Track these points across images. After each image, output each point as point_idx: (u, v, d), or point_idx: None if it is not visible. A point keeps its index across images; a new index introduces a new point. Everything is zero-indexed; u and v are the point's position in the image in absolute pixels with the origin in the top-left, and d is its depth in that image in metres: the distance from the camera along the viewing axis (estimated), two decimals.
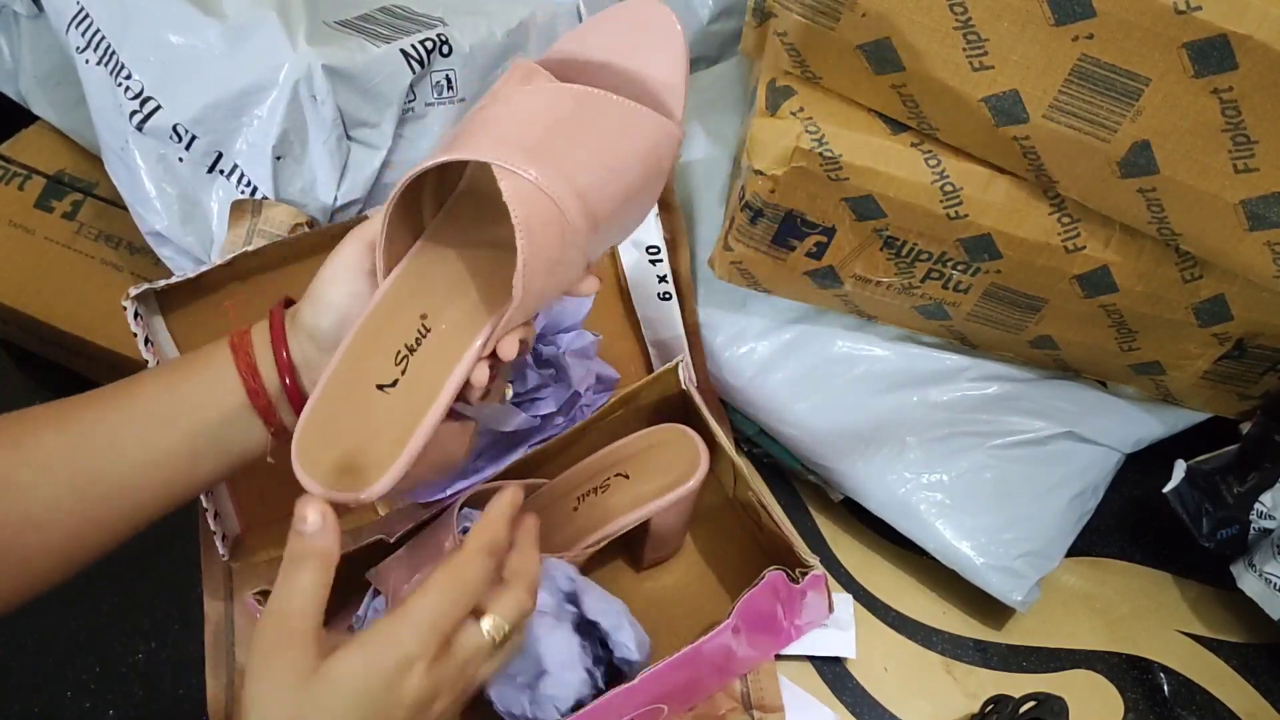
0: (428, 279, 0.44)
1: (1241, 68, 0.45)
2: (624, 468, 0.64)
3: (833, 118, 0.56)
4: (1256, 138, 0.47)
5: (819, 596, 0.62)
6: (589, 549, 0.61)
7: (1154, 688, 0.69)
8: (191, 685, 0.63)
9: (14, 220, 0.76)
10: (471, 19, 0.66)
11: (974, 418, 0.69)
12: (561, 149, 0.40)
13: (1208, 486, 0.66)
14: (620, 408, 0.67)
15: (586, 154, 0.41)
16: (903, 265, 0.61)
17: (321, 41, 0.59)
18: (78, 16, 0.61)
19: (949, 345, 0.69)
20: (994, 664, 0.70)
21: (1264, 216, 0.50)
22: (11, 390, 0.80)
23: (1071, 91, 0.49)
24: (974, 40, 0.49)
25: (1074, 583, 0.74)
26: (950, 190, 0.56)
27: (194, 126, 0.59)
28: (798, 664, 0.68)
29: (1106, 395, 0.70)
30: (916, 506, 0.68)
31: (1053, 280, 0.59)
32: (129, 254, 0.75)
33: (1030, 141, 0.52)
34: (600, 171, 0.41)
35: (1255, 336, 0.60)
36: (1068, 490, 0.69)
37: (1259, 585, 0.65)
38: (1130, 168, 0.51)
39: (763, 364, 0.70)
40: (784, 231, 0.61)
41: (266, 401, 0.43)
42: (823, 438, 0.70)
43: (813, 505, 0.77)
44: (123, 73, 0.59)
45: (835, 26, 0.52)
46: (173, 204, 0.62)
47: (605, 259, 0.72)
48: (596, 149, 0.41)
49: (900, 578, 0.73)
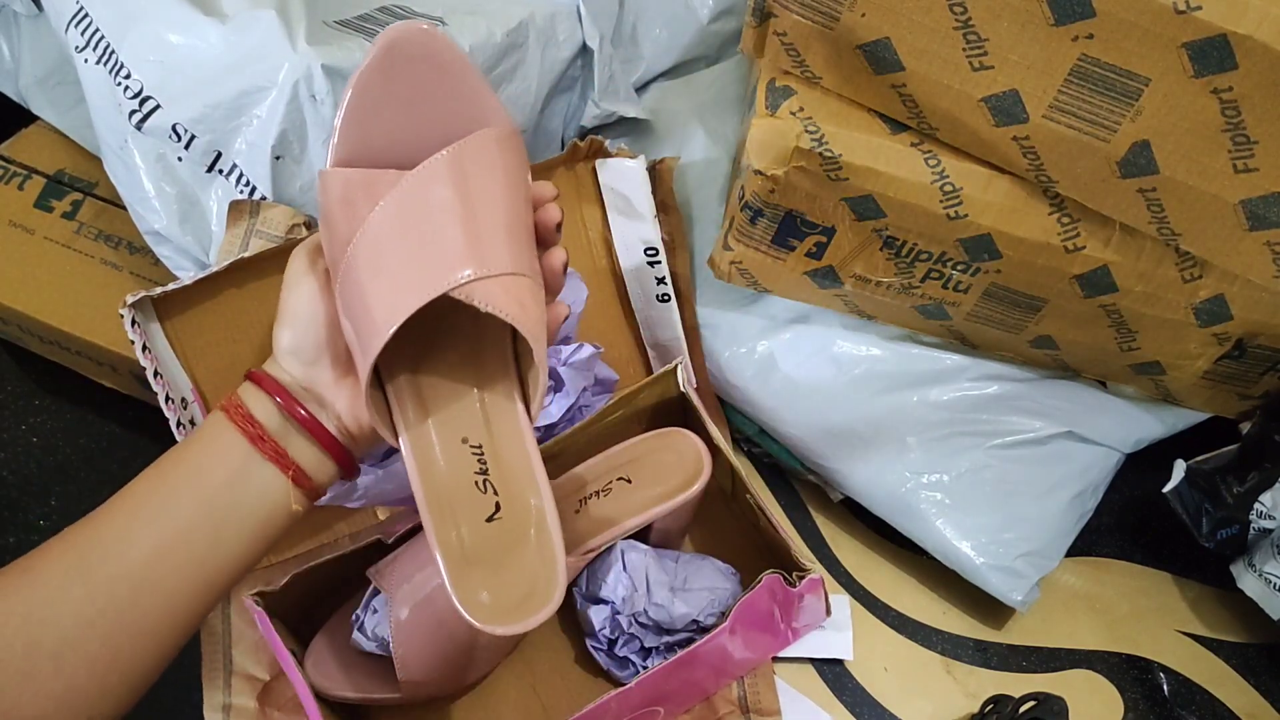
0: (435, 411, 0.44)
1: (1241, 68, 0.45)
2: (627, 471, 0.64)
3: (833, 118, 0.56)
4: (1256, 138, 0.47)
5: (816, 599, 0.62)
6: (591, 553, 0.61)
7: (1154, 688, 0.69)
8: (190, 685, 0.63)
9: (14, 220, 0.76)
10: (471, 19, 0.66)
11: (974, 418, 0.69)
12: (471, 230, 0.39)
13: (1208, 486, 0.66)
14: (619, 409, 0.67)
15: (487, 215, 0.40)
16: (902, 265, 0.61)
17: (321, 41, 0.59)
18: (77, 16, 0.61)
19: (949, 345, 0.69)
20: (994, 664, 0.70)
21: (1264, 216, 0.50)
22: (11, 390, 0.80)
23: (1071, 91, 0.49)
24: (974, 40, 0.49)
25: (1074, 583, 0.74)
26: (950, 190, 0.56)
27: (193, 126, 0.59)
28: (797, 664, 0.68)
29: (1106, 395, 0.70)
30: (916, 506, 0.68)
31: (1052, 280, 0.59)
32: (129, 253, 0.75)
33: (1030, 141, 0.52)
34: (505, 218, 0.40)
35: (1255, 336, 0.60)
36: (1068, 490, 0.69)
37: (1259, 585, 0.65)
38: (1130, 168, 0.50)
39: (763, 364, 0.70)
40: (784, 231, 0.61)
41: (273, 445, 0.41)
42: (823, 438, 0.70)
43: (813, 505, 0.77)
44: (122, 72, 0.59)
45: (835, 26, 0.52)
46: (172, 203, 0.62)
47: (605, 260, 0.72)
48: (487, 206, 0.40)
49: (900, 578, 0.73)
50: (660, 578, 0.62)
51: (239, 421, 0.41)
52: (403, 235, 0.39)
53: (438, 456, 0.43)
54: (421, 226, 0.39)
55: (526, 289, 0.40)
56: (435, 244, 0.39)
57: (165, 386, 0.57)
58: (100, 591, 0.37)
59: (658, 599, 0.61)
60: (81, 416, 0.78)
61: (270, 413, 0.42)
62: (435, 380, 0.45)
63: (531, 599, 0.40)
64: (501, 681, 0.65)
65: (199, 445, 0.41)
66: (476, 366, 0.45)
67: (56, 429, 0.78)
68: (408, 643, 0.56)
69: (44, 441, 0.77)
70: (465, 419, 0.44)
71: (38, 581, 0.37)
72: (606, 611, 0.61)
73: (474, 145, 0.41)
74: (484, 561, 0.41)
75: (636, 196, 0.68)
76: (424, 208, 0.39)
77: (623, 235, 0.70)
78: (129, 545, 0.38)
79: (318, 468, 0.43)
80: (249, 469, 0.41)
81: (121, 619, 0.38)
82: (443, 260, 0.38)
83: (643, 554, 0.62)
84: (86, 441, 0.77)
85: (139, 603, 0.38)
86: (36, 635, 0.36)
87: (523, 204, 0.42)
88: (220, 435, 0.41)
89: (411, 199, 0.39)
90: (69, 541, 0.38)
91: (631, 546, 0.63)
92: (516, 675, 0.65)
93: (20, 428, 0.78)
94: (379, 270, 0.39)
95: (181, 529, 0.39)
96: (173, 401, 0.58)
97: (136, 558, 0.38)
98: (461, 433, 0.44)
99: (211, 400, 0.62)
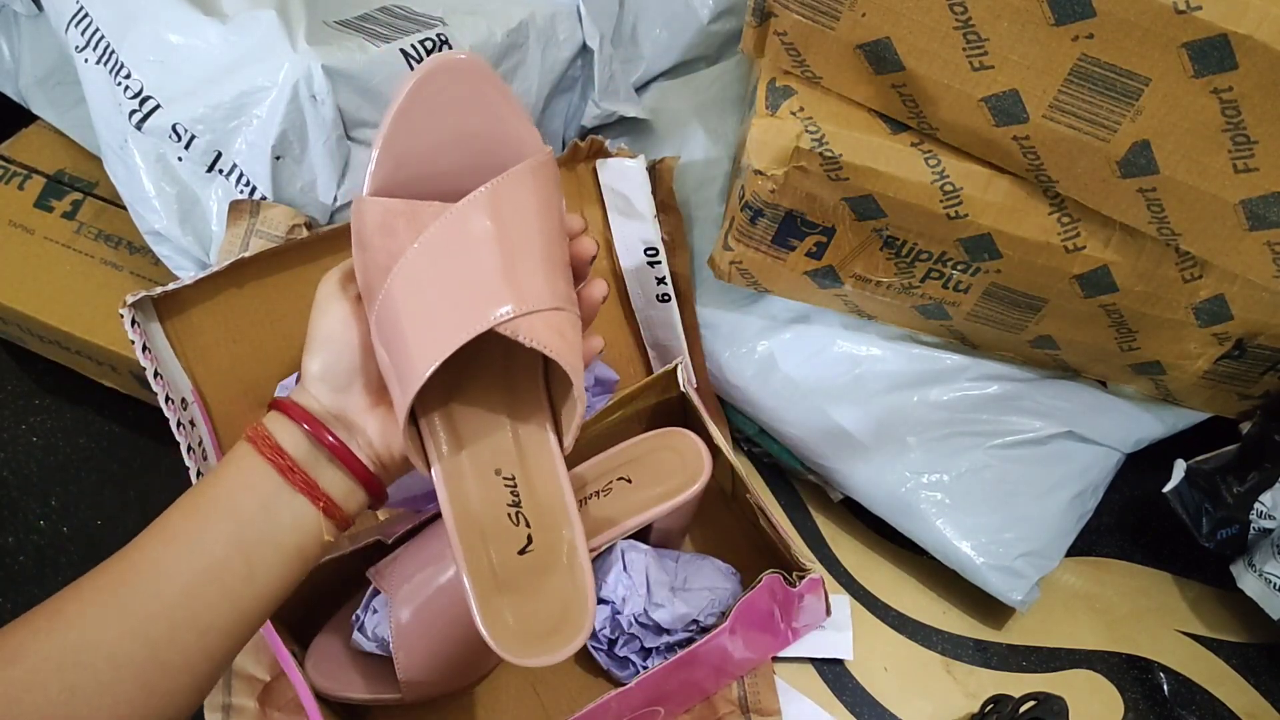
0: (468, 442, 0.44)
1: (1241, 68, 0.45)
2: (627, 471, 0.64)
3: (833, 118, 0.56)
4: (1256, 138, 0.47)
5: (816, 599, 0.62)
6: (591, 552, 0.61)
7: (1154, 688, 0.69)
8: None
9: (14, 220, 0.76)
10: (471, 19, 0.66)
11: (974, 417, 0.69)
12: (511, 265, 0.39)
13: (1208, 486, 0.66)
14: (619, 409, 0.67)
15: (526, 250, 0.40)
16: (903, 265, 0.61)
17: (321, 41, 0.59)
18: (77, 16, 0.61)
19: (949, 345, 0.69)
20: (994, 664, 0.70)
21: (1264, 216, 0.50)
22: (12, 390, 0.80)
23: (1071, 91, 0.49)
24: (974, 40, 0.49)
25: (1074, 583, 0.74)
26: (950, 190, 0.56)
27: (193, 126, 0.59)
28: (797, 664, 0.68)
29: (1106, 395, 0.70)
30: (916, 506, 0.68)
31: (1053, 280, 0.59)
32: (129, 253, 0.75)
33: (1030, 141, 0.52)
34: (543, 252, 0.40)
35: (1255, 336, 0.60)
36: (1068, 490, 0.69)
37: (1259, 585, 0.65)
38: (1130, 168, 0.50)
39: (763, 364, 0.70)
40: (784, 231, 0.61)
41: (303, 476, 0.40)
42: (823, 438, 0.70)
43: (813, 505, 0.77)
44: (122, 72, 0.59)
45: (835, 26, 0.52)
46: (172, 203, 0.62)
47: (604, 260, 0.72)
48: (527, 240, 0.40)
49: (900, 578, 0.73)
50: (660, 578, 0.62)
51: (267, 453, 0.40)
52: (445, 268, 0.39)
53: (471, 488, 0.43)
54: (463, 260, 0.39)
55: (567, 322, 0.40)
56: (478, 278, 0.39)
57: (165, 386, 0.57)
58: (137, 631, 0.36)
59: (658, 599, 0.61)
60: (82, 416, 0.78)
61: (298, 442, 0.41)
62: (468, 410, 0.44)
63: (561, 631, 0.40)
64: (501, 681, 0.65)
65: (228, 478, 0.40)
66: (509, 396, 0.45)
67: (57, 429, 0.78)
68: (408, 643, 0.56)
69: (44, 441, 0.77)
70: (498, 449, 0.44)
71: (72, 624, 0.36)
72: (607, 611, 0.61)
73: (513, 180, 0.41)
74: (514, 592, 0.41)
75: (636, 196, 0.68)
76: (466, 241, 0.39)
77: (623, 235, 0.70)
78: (163, 582, 0.37)
79: (348, 497, 0.42)
80: (279, 501, 0.40)
81: (157, 658, 0.37)
82: (486, 296, 0.38)
83: (643, 554, 0.62)
84: (86, 441, 0.77)
85: (175, 640, 0.37)
86: (72, 680, 0.35)
87: (559, 235, 0.42)
88: (249, 467, 0.40)
89: (454, 232, 0.39)
90: (102, 580, 0.37)
91: (632, 546, 0.63)
92: (516, 675, 0.65)
93: (20, 427, 0.78)
94: (420, 303, 0.39)
95: (215, 563, 0.38)
96: (173, 401, 0.58)
97: (171, 594, 0.37)
98: (495, 464, 0.44)
99: (211, 400, 0.61)
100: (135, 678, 0.36)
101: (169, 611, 0.37)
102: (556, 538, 0.43)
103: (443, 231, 0.39)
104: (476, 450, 0.44)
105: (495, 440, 0.44)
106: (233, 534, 0.39)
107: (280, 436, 0.40)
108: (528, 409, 0.45)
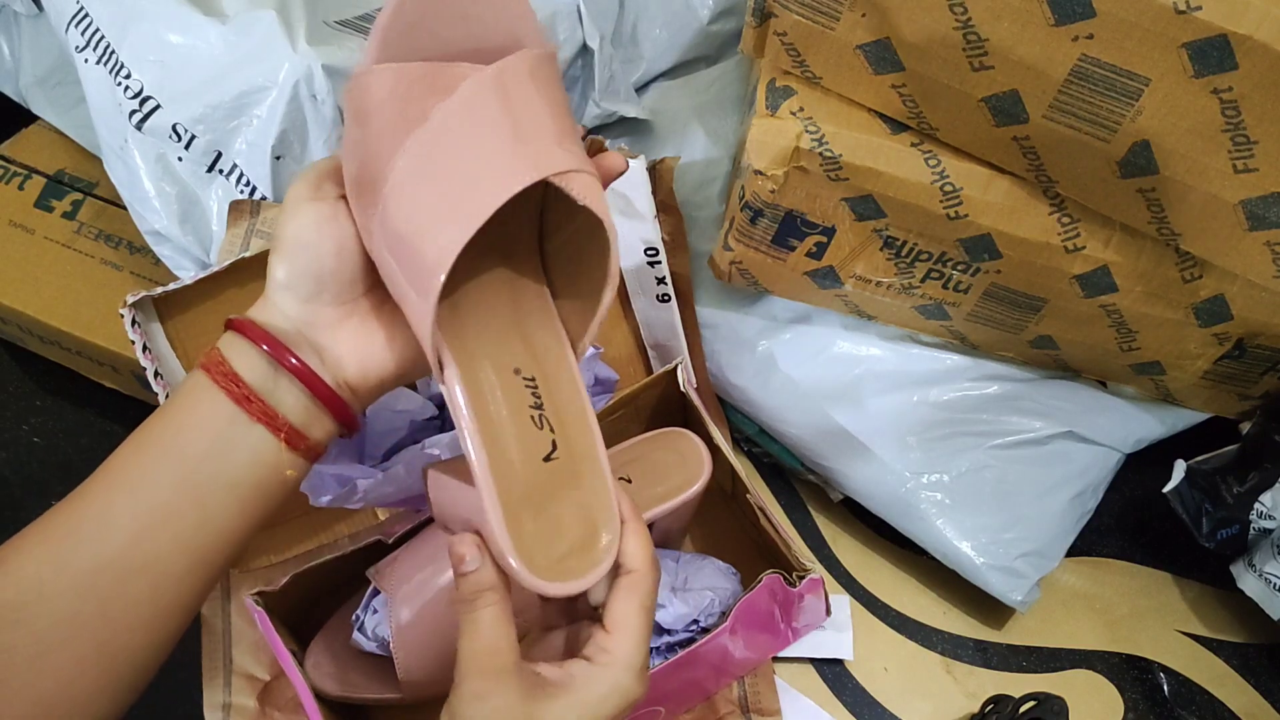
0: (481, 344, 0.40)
1: (1241, 68, 0.45)
2: (627, 471, 0.64)
3: (833, 118, 0.56)
4: (1256, 138, 0.47)
5: (816, 599, 0.62)
6: None
7: (1154, 688, 0.69)
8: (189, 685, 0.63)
9: (14, 220, 0.76)
10: None
11: (974, 418, 0.69)
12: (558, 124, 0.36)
13: (1208, 486, 0.66)
14: (619, 410, 0.67)
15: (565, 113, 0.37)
16: (903, 265, 0.61)
17: (321, 41, 0.59)
18: (77, 16, 0.61)
19: (949, 345, 0.69)
20: (994, 664, 0.70)
21: (1264, 216, 0.50)
22: (12, 390, 0.80)
23: (1071, 91, 0.49)
24: (974, 40, 0.49)
25: (1074, 583, 0.74)
26: (950, 190, 0.56)
27: (193, 126, 0.59)
28: (797, 664, 0.68)
29: (1106, 395, 0.70)
30: (916, 506, 0.68)
31: (1053, 280, 0.59)
32: (129, 253, 0.75)
33: (1030, 141, 0.52)
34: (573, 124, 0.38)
35: (1255, 336, 0.60)
36: (1068, 490, 0.69)
37: (1259, 585, 0.65)
38: (1130, 168, 0.50)
39: (763, 364, 0.70)
40: (784, 231, 0.61)
41: (261, 404, 0.36)
42: (823, 438, 0.70)
43: (813, 505, 0.77)
44: (122, 72, 0.59)
45: (835, 26, 0.52)
46: (172, 203, 0.62)
47: None
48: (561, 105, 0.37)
49: (900, 578, 0.73)
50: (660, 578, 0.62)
51: (220, 380, 0.36)
52: (487, 125, 0.35)
53: (491, 390, 0.38)
54: (508, 118, 0.35)
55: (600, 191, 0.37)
56: (529, 133, 0.35)
57: (165, 387, 0.57)
58: (81, 585, 0.34)
59: (658, 599, 0.61)
60: (82, 416, 0.79)
61: (256, 365, 0.37)
62: (474, 313, 0.40)
63: (588, 550, 0.37)
64: None
65: (177, 410, 0.36)
66: (514, 298, 0.42)
67: (58, 429, 0.78)
68: (408, 643, 0.56)
69: (45, 441, 0.77)
70: (513, 351, 0.40)
71: (9, 580, 0.33)
72: None
73: (535, 56, 0.37)
74: (537, 507, 0.38)
75: (636, 196, 0.68)
76: (508, 100, 0.35)
77: (623, 235, 0.70)
78: (108, 530, 0.34)
79: (313, 425, 0.38)
80: (235, 433, 0.36)
81: (107, 612, 0.34)
82: (538, 150, 0.34)
83: None
84: (88, 441, 0.77)
85: (125, 593, 0.34)
86: (8, 640, 0.33)
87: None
88: (201, 397, 0.36)
89: (493, 89, 0.35)
90: (43, 531, 0.35)
91: None
92: None
93: (21, 428, 0.78)
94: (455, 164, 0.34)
95: (163, 506, 0.35)
96: None
97: (116, 543, 0.34)
98: (513, 363, 0.40)
99: None
100: (84, 634, 0.34)
101: (115, 563, 0.34)
102: (581, 444, 0.40)
103: (482, 86, 0.35)
104: (492, 352, 0.40)
105: (508, 342, 0.41)
106: (182, 473, 0.35)
107: (236, 361, 0.36)
108: (535, 310, 0.42)
